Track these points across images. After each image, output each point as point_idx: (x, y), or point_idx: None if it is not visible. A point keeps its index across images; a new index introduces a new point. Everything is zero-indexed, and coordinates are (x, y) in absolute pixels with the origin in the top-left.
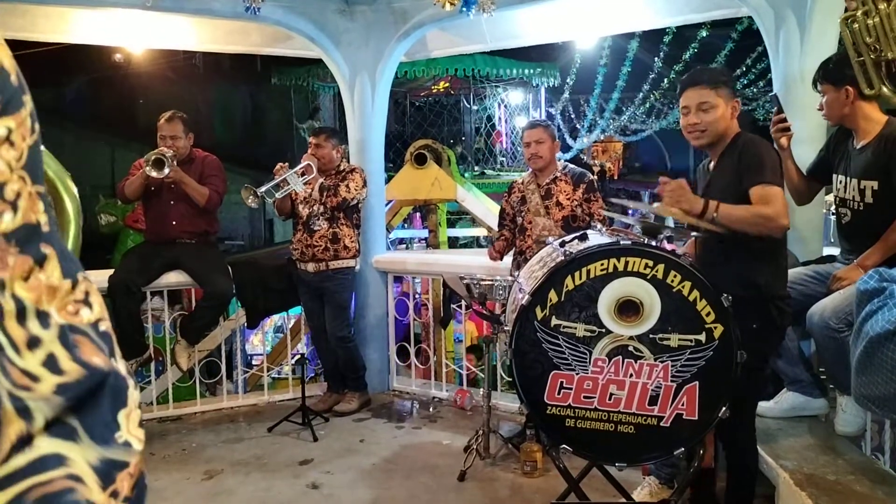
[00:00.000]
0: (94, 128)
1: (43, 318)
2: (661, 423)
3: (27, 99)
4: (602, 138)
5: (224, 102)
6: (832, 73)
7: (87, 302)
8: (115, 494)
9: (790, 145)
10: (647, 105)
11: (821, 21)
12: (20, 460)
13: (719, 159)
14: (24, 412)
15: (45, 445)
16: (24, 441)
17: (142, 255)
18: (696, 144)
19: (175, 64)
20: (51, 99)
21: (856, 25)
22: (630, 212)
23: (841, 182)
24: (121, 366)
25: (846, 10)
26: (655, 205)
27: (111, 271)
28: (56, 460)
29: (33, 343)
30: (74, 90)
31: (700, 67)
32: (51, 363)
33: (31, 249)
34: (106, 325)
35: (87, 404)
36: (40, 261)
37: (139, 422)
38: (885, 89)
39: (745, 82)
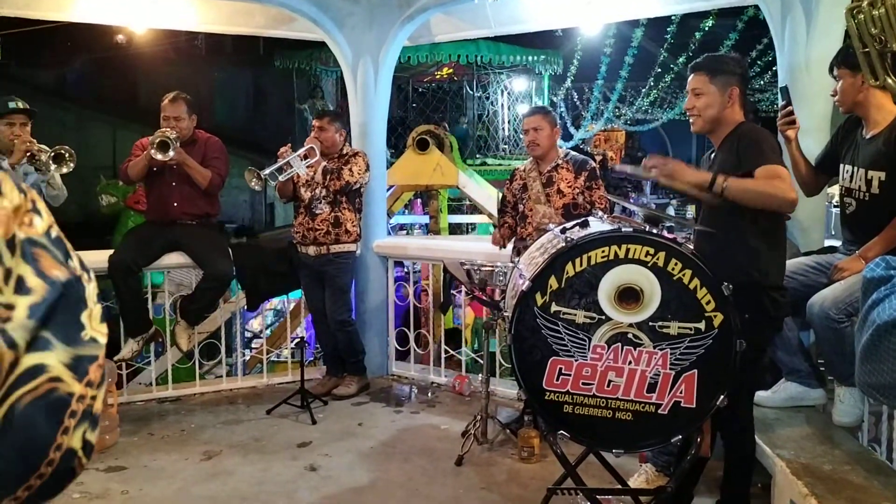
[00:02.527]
0: (96, 108)
1: (10, 244)
2: (659, 411)
3: None
4: (608, 128)
5: (226, 85)
6: (851, 58)
7: (35, 209)
8: (90, 384)
9: (797, 137)
10: (653, 95)
11: (827, 10)
12: (10, 379)
13: (720, 148)
14: (11, 345)
15: (27, 361)
16: (14, 365)
17: (142, 235)
18: (693, 129)
19: (177, 45)
20: (52, 79)
21: (861, 16)
22: (633, 198)
23: (847, 172)
24: (76, 264)
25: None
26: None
27: (111, 252)
28: (38, 370)
29: (8, 276)
30: (76, 70)
31: (708, 54)
32: (20, 286)
33: None
34: (56, 230)
35: (54, 316)
36: None
37: (100, 317)
38: (889, 80)
39: (752, 74)
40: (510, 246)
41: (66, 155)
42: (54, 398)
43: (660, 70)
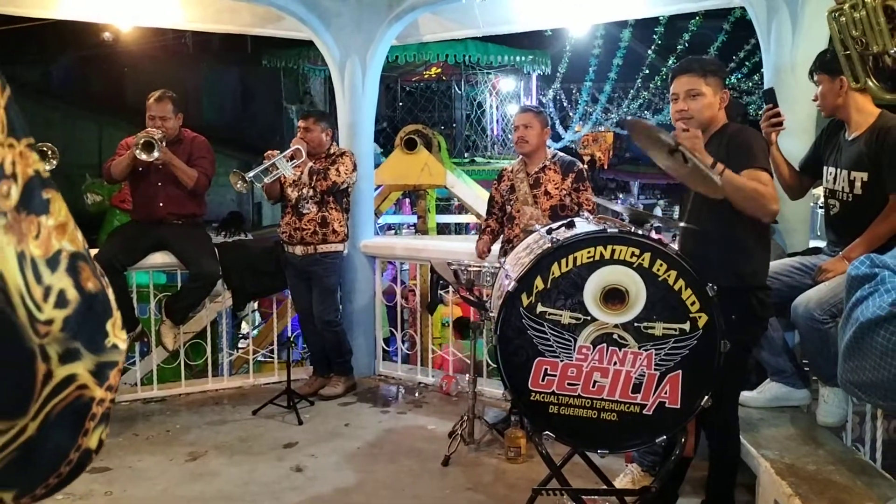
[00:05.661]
0: (82, 106)
1: (53, 262)
2: (644, 411)
3: None
4: (601, 130)
5: (213, 83)
6: (828, 64)
7: (76, 226)
8: (110, 388)
9: (777, 139)
10: (642, 99)
11: (813, 12)
12: (46, 391)
13: (706, 148)
14: (45, 357)
15: (60, 372)
16: (48, 376)
17: (128, 234)
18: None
19: (164, 43)
20: (38, 76)
21: (843, 19)
22: (620, 199)
23: (831, 173)
24: (99, 272)
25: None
26: (679, 134)
27: (96, 251)
28: (68, 380)
29: (48, 293)
30: (62, 68)
31: (691, 56)
32: (61, 300)
33: (35, 204)
34: (86, 243)
35: (84, 326)
36: (45, 206)
37: (121, 324)
38: (870, 83)
39: (740, 76)
40: (496, 246)
41: (49, 153)
42: (79, 404)
43: (648, 72)
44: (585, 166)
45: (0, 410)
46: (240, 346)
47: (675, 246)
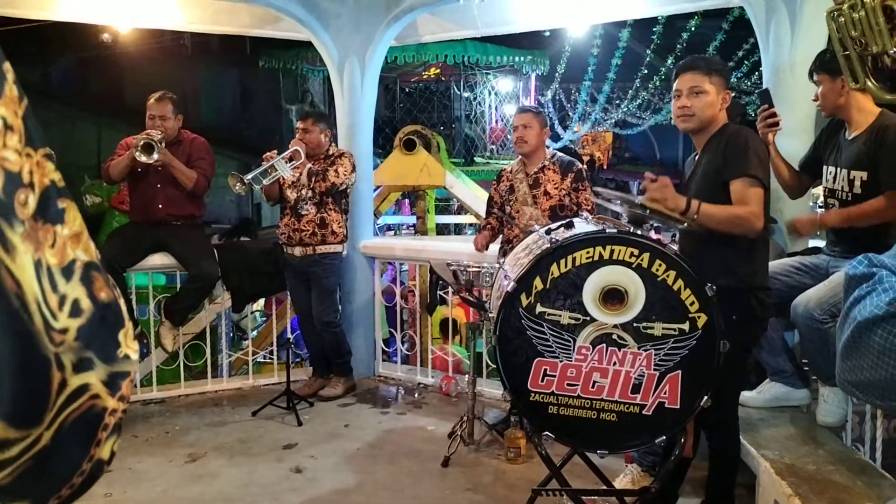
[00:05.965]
0: (81, 107)
1: (67, 271)
2: (644, 412)
3: (6, 67)
4: (599, 131)
5: (212, 84)
6: (828, 64)
7: (89, 235)
8: (122, 399)
9: (774, 140)
10: (641, 99)
11: (811, 12)
12: (60, 399)
13: (704, 149)
14: (60, 366)
15: (74, 381)
16: (62, 385)
17: (127, 236)
18: (683, 128)
19: (163, 44)
20: (37, 78)
21: (842, 19)
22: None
23: (831, 173)
24: (111, 282)
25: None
26: (640, 198)
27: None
28: (81, 390)
29: (63, 301)
30: (61, 69)
31: (697, 55)
32: (75, 309)
33: (51, 213)
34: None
35: (97, 336)
36: (61, 216)
37: (133, 334)
38: (869, 84)
39: (739, 75)
40: (495, 246)
41: None
42: (92, 414)
43: (646, 71)
44: (584, 166)
45: (17, 419)
46: (242, 346)
47: (675, 246)
